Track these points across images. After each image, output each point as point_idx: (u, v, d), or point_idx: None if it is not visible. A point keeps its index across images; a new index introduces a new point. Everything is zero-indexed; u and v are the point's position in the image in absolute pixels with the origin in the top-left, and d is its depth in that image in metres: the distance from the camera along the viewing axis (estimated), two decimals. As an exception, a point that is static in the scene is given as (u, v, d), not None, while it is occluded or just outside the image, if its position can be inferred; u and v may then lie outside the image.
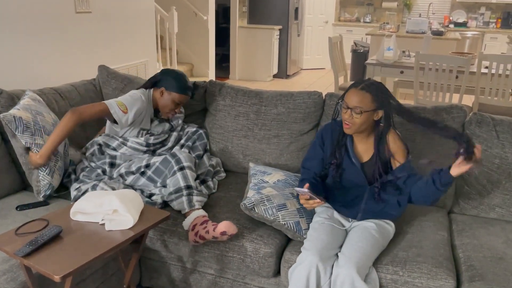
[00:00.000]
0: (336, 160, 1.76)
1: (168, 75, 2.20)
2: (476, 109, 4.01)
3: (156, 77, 2.23)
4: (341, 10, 8.94)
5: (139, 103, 2.11)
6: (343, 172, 1.77)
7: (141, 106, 2.12)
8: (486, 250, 1.72)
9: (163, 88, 2.19)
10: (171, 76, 2.19)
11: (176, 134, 2.28)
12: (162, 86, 2.19)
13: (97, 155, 2.10)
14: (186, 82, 2.21)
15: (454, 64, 3.79)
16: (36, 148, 1.92)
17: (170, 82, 2.18)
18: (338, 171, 1.77)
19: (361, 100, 1.63)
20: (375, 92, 1.64)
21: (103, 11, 3.29)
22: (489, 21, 7.91)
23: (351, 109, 1.65)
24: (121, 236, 1.50)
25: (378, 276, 1.61)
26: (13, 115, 1.92)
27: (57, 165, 1.99)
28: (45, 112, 2.08)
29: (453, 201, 2.13)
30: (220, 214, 1.94)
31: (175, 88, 2.17)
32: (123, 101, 2.07)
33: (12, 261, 1.54)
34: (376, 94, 1.64)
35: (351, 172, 1.76)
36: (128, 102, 2.08)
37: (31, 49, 2.69)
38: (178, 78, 2.19)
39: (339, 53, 4.87)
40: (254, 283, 1.90)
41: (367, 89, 1.64)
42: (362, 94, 1.63)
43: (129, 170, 2.03)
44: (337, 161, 1.76)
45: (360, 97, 1.63)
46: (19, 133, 1.90)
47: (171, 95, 2.18)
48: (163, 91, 2.19)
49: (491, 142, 2.01)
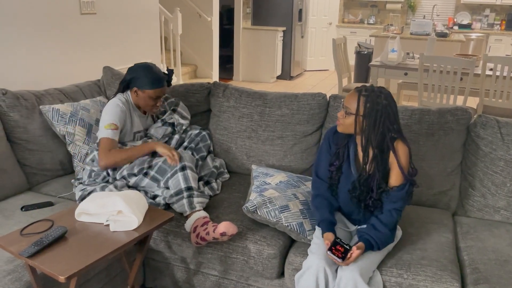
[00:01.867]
0: (338, 161, 1.74)
1: (135, 72, 2.09)
2: (481, 111, 4.00)
3: (125, 78, 2.13)
4: (345, 12, 8.94)
5: (119, 111, 2.06)
6: (341, 176, 1.73)
7: (122, 114, 2.07)
8: (491, 252, 1.72)
9: (135, 88, 2.09)
10: (138, 73, 2.08)
11: (177, 137, 2.27)
12: (134, 86, 2.09)
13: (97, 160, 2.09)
14: (156, 74, 2.08)
15: (459, 66, 3.78)
16: (68, 136, 2.22)
17: (140, 80, 2.07)
18: (337, 173, 1.73)
19: (352, 102, 1.60)
20: (369, 99, 1.57)
21: (108, 13, 3.31)
22: (493, 23, 7.89)
23: (343, 108, 1.64)
24: (126, 237, 1.50)
25: (382, 279, 1.61)
26: (52, 107, 2.23)
27: None
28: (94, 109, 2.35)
29: (458, 203, 2.12)
30: (224, 215, 1.94)
31: (147, 85, 2.06)
32: (109, 120, 2.03)
33: (17, 262, 1.55)
34: (369, 102, 1.57)
35: (348, 180, 1.71)
36: (112, 116, 2.04)
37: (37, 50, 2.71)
38: (146, 73, 2.07)
39: (343, 55, 4.87)
40: (257, 285, 1.90)
41: (363, 94, 1.59)
42: (355, 96, 1.60)
43: (131, 172, 2.03)
44: (339, 163, 1.74)
45: (352, 98, 1.61)
46: (55, 122, 2.21)
47: (145, 93, 2.08)
48: (136, 91, 2.09)
49: (496, 145, 2.01)
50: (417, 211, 2.03)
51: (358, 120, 1.59)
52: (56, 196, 2.11)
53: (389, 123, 1.59)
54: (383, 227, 1.62)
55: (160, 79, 2.09)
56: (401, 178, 1.62)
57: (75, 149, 2.24)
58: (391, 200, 1.63)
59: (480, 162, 2.04)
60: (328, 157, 1.77)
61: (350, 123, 1.62)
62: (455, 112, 2.10)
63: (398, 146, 1.63)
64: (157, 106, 2.14)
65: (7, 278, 1.48)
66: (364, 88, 1.61)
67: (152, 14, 3.92)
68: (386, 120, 1.57)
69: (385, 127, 1.58)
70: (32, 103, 2.22)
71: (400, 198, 1.63)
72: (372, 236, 1.60)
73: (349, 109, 1.61)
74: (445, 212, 2.07)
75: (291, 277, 1.74)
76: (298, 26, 7.59)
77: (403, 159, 1.62)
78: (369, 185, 1.64)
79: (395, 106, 1.61)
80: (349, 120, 1.62)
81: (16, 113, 2.14)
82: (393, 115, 1.59)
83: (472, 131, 2.08)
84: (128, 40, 3.62)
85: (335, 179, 1.73)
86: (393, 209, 1.63)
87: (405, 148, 1.63)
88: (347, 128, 1.64)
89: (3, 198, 2.03)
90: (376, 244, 1.60)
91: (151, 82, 2.06)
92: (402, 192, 1.62)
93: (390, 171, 1.64)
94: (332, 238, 1.60)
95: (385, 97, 1.58)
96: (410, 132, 2.09)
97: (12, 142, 2.15)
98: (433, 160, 2.08)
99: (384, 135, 1.59)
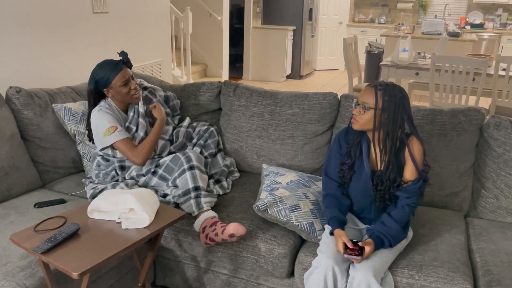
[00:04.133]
0: (350, 160, 1.74)
1: (93, 77, 2.01)
2: (493, 111, 3.96)
3: (90, 88, 2.04)
4: (356, 11, 8.89)
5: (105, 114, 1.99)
6: (354, 175, 1.73)
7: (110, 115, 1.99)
8: (503, 255, 1.70)
9: (104, 89, 2.00)
10: (95, 75, 2.00)
11: (184, 130, 2.27)
12: (102, 88, 2.01)
13: (103, 163, 2.09)
14: (107, 64, 2.00)
15: (471, 66, 3.74)
16: (78, 136, 2.24)
17: (101, 80, 1.98)
18: (349, 172, 1.74)
19: (369, 97, 1.62)
20: (386, 93, 1.60)
21: (120, 12, 3.33)
22: (506, 23, 7.79)
23: (360, 104, 1.65)
24: (137, 235, 1.51)
25: (393, 280, 1.60)
26: (64, 106, 2.25)
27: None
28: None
29: (470, 205, 2.10)
30: (234, 214, 1.95)
31: (108, 77, 1.97)
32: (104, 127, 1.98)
33: (30, 258, 1.57)
34: (386, 95, 1.60)
35: (360, 178, 1.71)
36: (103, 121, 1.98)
37: (49, 48, 2.73)
38: (99, 69, 1.99)
39: (353, 54, 4.85)
40: (267, 284, 1.90)
41: (379, 88, 1.62)
42: (371, 91, 1.62)
43: (140, 172, 2.04)
44: (351, 161, 1.74)
45: (369, 94, 1.63)
46: (67, 121, 2.23)
47: (114, 85, 1.98)
48: (107, 90, 2.01)
49: (510, 146, 1.98)
50: (429, 212, 2.01)
51: (377, 113, 1.61)
52: (68, 193, 2.13)
53: (407, 115, 1.63)
54: (393, 223, 1.62)
55: (114, 64, 2.00)
56: (415, 173, 1.65)
57: (85, 148, 2.26)
58: (405, 195, 1.64)
59: (493, 163, 2.02)
60: (338, 157, 1.78)
61: (368, 119, 1.63)
62: (467, 112, 2.08)
63: (413, 141, 1.67)
64: (134, 89, 2.02)
65: (21, 274, 1.50)
66: (378, 83, 1.64)
67: (163, 13, 3.94)
68: (403, 112, 1.62)
69: (403, 119, 1.62)
70: (45, 101, 2.25)
71: (414, 193, 1.65)
72: (382, 232, 1.61)
73: (368, 104, 1.62)
74: (457, 213, 2.06)
75: (301, 276, 1.73)
76: (308, 25, 7.57)
77: (418, 155, 1.65)
78: (389, 178, 1.66)
79: (408, 98, 1.65)
80: (367, 115, 1.63)
81: (30, 111, 2.17)
82: (409, 107, 1.64)
83: (485, 132, 2.06)
84: (139, 38, 3.64)
85: (347, 177, 1.74)
86: (406, 205, 1.64)
87: (419, 144, 1.67)
88: (364, 124, 1.65)
89: (17, 195, 2.06)
90: (387, 240, 1.60)
91: (108, 71, 1.97)
92: (416, 186, 1.65)
93: (405, 166, 1.66)
94: (341, 234, 1.61)
95: (400, 90, 1.63)
96: (422, 132, 2.07)
97: (25, 140, 2.17)
98: (446, 161, 2.06)
99: (402, 128, 1.63)
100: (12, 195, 2.04)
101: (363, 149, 1.72)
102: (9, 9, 2.43)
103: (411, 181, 1.65)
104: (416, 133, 1.67)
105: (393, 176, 1.65)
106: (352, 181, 1.74)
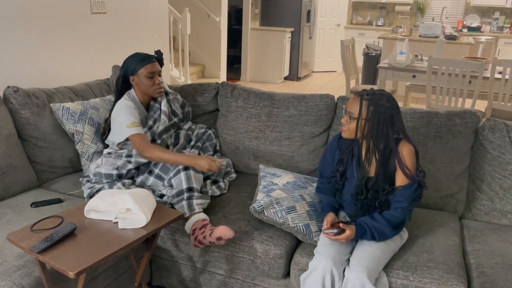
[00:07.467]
0: (342, 167, 1.75)
1: (124, 64, 2.12)
2: (489, 114, 3.98)
3: (120, 74, 2.14)
4: (354, 13, 8.92)
5: (132, 109, 2.05)
6: (346, 181, 1.75)
7: (135, 111, 2.06)
8: (497, 256, 1.71)
9: (131, 77, 2.10)
10: (127, 62, 2.11)
11: (184, 132, 2.29)
12: (129, 76, 2.11)
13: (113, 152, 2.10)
14: (142, 54, 2.12)
15: (468, 69, 3.77)
16: (77, 135, 2.23)
17: (130, 67, 2.09)
18: (341, 179, 1.75)
19: (355, 106, 1.62)
20: (371, 103, 1.58)
21: (118, 12, 3.33)
22: (503, 26, 7.83)
23: (347, 113, 1.65)
24: (134, 235, 1.52)
25: (388, 281, 1.61)
26: (62, 105, 2.24)
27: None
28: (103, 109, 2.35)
29: (465, 207, 2.12)
30: (231, 214, 1.96)
31: (137, 65, 2.08)
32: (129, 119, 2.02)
33: (26, 257, 1.57)
34: (372, 105, 1.58)
35: (351, 184, 1.72)
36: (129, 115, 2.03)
37: (47, 48, 2.74)
38: (133, 57, 2.11)
39: (351, 56, 4.87)
40: (263, 284, 1.91)
41: (365, 97, 1.60)
42: (357, 101, 1.61)
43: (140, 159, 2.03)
44: (343, 168, 1.75)
45: (355, 103, 1.62)
46: (65, 120, 2.23)
47: (140, 74, 2.08)
48: (133, 79, 2.10)
49: (504, 148, 2.00)
50: (424, 214, 2.02)
51: (360, 124, 1.61)
52: (65, 193, 2.13)
53: (392, 125, 1.60)
54: (381, 218, 1.63)
55: (147, 56, 2.11)
56: (406, 179, 1.63)
57: (83, 147, 2.26)
58: (396, 199, 1.64)
59: (488, 165, 2.04)
60: (331, 163, 1.80)
61: (354, 128, 1.63)
62: (463, 115, 2.09)
63: (403, 147, 1.63)
64: (157, 84, 2.11)
65: (17, 273, 1.50)
66: (366, 92, 1.62)
67: (161, 14, 3.95)
68: (389, 122, 1.59)
69: (389, 129, 1.59)
70: (43, 101, 2.25)
71: (406, 198, 1.62)
72: (367, 222, 1.62)
73: (353, 114, 1.62)
74: (452, 215, 2.07)
75: (297, 277, 1.74)
76: (306, 27, 7.59)
77: (408, 159, 1.62)
78: (374, 187, 1.65)
79: (397, 107, 1.62)
80: (353, 125, 1.63)
81: (27, 111, 2.17)
82: (396, 117, 1.61)
83: (481, 134, 2.08)
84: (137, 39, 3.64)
85: (340, 184, 1.76)
86: (399, 207, 1.64)
87: (410, 148, 1.63)
88: (352, 133, 1.65)
89: (14, 194, 2.06)
90: (370, 232, 1.61)
91: (140, 61, 2.08)
92: (408, 191, 1.62)
93: (396, 172, 1.65)
94: (331, 217, 1.66)
95: (387, 99, 1.60)
96: (418, 134, 2.09)
97: (22, 139, 2.17)
98: (441, 163, 2.08)
99: (388, 137, 1.61)
100: (9, 195, 2.04)
101: (354, 156, 1.73)
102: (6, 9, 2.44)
103: (402, 187, 1.63)
104: (407, 137, 1.65)
105: (381, 184, 1.65)
106: (344, 187, 1.76)
